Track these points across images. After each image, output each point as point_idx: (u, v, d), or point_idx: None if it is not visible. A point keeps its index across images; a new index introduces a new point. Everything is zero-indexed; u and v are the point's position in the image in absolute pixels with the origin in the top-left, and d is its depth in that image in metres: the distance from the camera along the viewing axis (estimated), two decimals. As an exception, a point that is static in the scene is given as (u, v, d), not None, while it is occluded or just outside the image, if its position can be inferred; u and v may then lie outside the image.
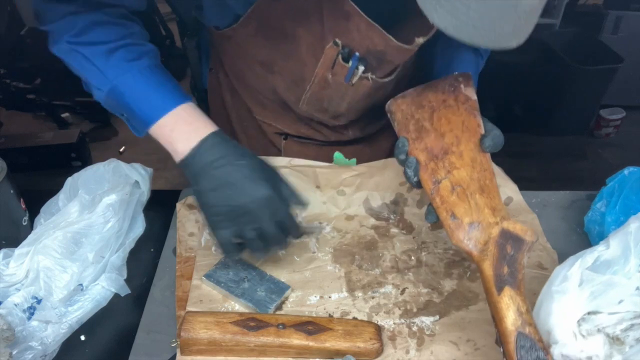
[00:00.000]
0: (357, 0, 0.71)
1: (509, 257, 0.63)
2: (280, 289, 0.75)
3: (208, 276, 0.76)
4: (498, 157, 0.94)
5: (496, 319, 0.61)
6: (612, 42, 2.58)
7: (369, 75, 0.80)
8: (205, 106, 1.00)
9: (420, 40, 0.74)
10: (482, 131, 0.73)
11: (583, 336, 0.58)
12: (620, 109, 2.69)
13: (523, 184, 0.94)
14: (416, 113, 0.75)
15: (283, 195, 0.71)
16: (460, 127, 0.73)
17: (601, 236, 0.80)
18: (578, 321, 0.58)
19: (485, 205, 0.67)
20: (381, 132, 1.00)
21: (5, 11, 2.91)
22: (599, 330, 0.58)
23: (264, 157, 0.74)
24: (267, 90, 0.88)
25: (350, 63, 0.77)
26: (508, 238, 0.64)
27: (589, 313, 0.59)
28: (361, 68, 0.78)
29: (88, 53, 0.71)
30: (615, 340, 0.58)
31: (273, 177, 0.71)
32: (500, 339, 0.61)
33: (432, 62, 0.90)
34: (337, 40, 0.75)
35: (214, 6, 0.78)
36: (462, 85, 0.75)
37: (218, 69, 0.94)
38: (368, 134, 0.99)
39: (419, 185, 0.71)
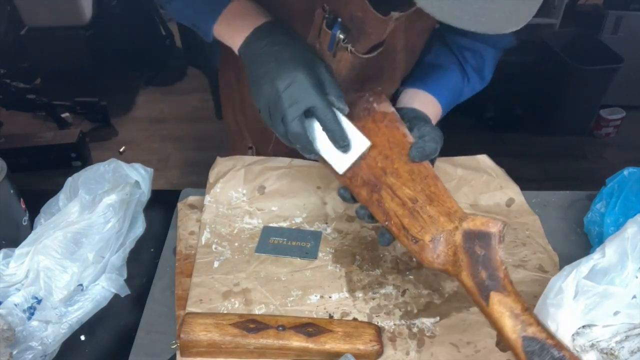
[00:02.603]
0: None
1: (482, 259, 0.59)
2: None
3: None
4: (498, 157, 0.94)
5: (496, 330, 0.58)
6: (612, 42, 2.58)
7: (349, 47, 0.78)
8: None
9: (396, 14, 0.73)
10: (410, 139, 0.69)
11: (577, 352, 0.58)
12: (620, 109, 2.69)
13: (523, 184, 0.94)
14: None
15: (320, 81, 0.67)
16: (386, 145, 0.70)
17: (600, 237, 0.80)
18: (573, 335, 0.58)
19: (439, 214, 0.64)
20: None
21: (5, 11, 2.92)
22: (592, 346, 0.58)
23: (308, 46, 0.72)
24: None
25: (332, 31, 0.76)
26: (473, 238, 0.60)
27: (583, 327, 0.58)
28: (341, 36, 0.77)
29: None
30: (609, 355, 0.58)
31: (312, 64, 0.68)
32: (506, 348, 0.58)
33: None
34: (325, 5, 0.75)
35: None
36: (374, 105, 0.72)
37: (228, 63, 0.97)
38: None
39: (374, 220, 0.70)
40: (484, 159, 0.95)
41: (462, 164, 0.94)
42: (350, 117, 0.70)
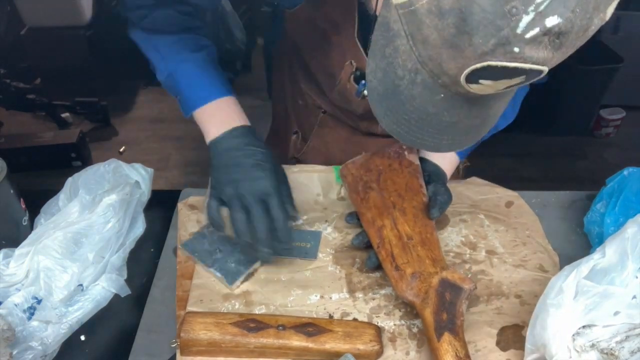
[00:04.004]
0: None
1: (448, 304, 0.66)
2: (249, 261, 0.78)
3: (185, 245, 0.81)
4: (498, 158, 0.94)
5: None
6: (612, 42, 2.58)
7: None
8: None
9: None
10: (425, 191, 0.81)
11: (577, 352, 0.58)
12: (620, 109, 2.69)
13: (523, 184, 0.94)
14: (365, 175, 0.84)
15: (280, 193, 0.75)
16: (403, 187, 0.81)
17: (601, 237, 0.80)
18: (573, 335, 0.58)
19: (426, 257, 0.72)
20: None
21: (5, 11, 2.92)
22: (592, 346, 0.58)
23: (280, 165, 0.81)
24: (311, 72, 0.97)
25: (358, 86, 0.85)
26: (447, 286, 0.68)
27: (583, 327, 0.58)
28: (365, 92, 0.83)
29: (156, 42, 0.82)
30: (609, 356, 0.58)
31: (278, 176, 0.77)
32: None
33: None
34: (353, 61, 0.83)
35: None
36: (406, 152, 0.85)
37: (287, 47, 1.04)
38: None
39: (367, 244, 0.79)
40: (474, 179, 0.96)
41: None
42: (382, 154, 0.85)
